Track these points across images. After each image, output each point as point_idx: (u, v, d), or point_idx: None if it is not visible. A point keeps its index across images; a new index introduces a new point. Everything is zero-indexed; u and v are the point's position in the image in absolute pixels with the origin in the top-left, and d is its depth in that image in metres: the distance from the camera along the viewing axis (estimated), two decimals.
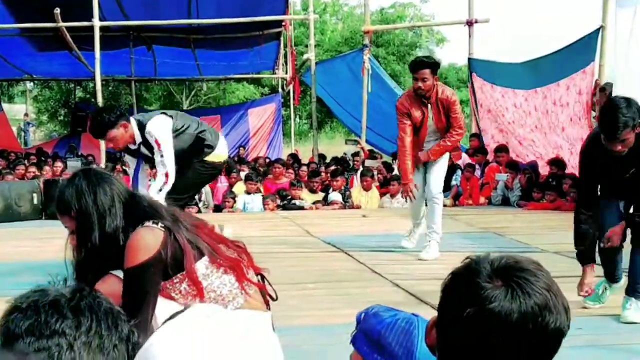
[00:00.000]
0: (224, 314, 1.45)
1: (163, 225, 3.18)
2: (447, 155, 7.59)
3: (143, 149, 6.45)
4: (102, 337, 1.46)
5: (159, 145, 6.29)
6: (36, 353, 1.40)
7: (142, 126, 6.32)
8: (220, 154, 6.75)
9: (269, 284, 3.47)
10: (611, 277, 5.55)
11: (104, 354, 1.45)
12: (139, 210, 3.25)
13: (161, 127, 6.35)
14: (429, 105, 7.34)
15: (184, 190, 6.82)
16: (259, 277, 3.44)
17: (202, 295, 3.18)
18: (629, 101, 4.85)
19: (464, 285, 1.51)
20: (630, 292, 5.20)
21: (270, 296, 3.44)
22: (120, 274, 3.20)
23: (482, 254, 1.58)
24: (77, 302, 1.49)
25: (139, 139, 6.36)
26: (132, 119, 6.39)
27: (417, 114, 7.38)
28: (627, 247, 5.40)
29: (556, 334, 1.45)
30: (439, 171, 7.56)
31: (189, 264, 3.19)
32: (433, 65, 7.37)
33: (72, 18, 15.39)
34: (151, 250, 3.13)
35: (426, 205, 7.74)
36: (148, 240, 3.14)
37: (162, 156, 6.29)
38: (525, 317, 1.43)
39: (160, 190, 6.29)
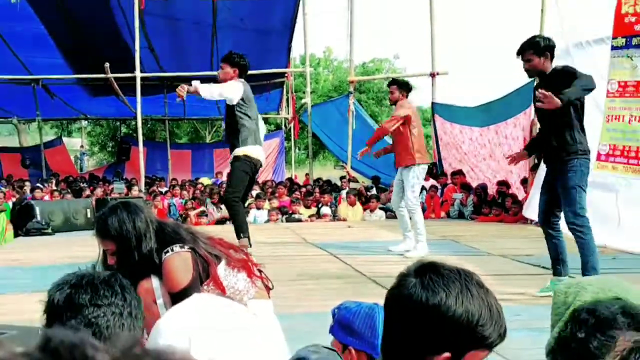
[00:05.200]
0: (224, 300, 1.49)
1: (188, 247, 3.20)
2: (415, 170, 7.59)
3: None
4: (134, 308, 1.58)
5: (225, 82, 6.63)
6: (96, 319, 1.47)
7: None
8: (253, 152, 6.76)
9: (266, 276, 3.51)
10: (553, 267, 5.37)
11: (136, 319, 1.57)
12: (165, 235, 3.23)
13: (238, 85, 6.71)
14: None
15: (238, 183, 6.84)
16: (259, 271, 3.48)
17: (225, 292, 3.21)
18: (546, 38, 5.35)
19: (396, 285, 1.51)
20: (583, 270, 5.10)
21: (268, 286, 3.47)
22: (155, 279, 3.20)
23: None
24: (120, 281, 1.62)
25: None
26: (241, 79, 6.78)
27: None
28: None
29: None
30: (408, 185, 7.59)
31: (214, 271, 3.22)
32: (399, 83, 7.82)
33: (118, 70, 15.49)
34: (189, 273, 3.15)
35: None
36: (183, 266, 3.15)
37: (221, 88, 6.60)
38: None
39: (204, 97, 6.66)
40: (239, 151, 6.74)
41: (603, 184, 8.41)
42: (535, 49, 5.12)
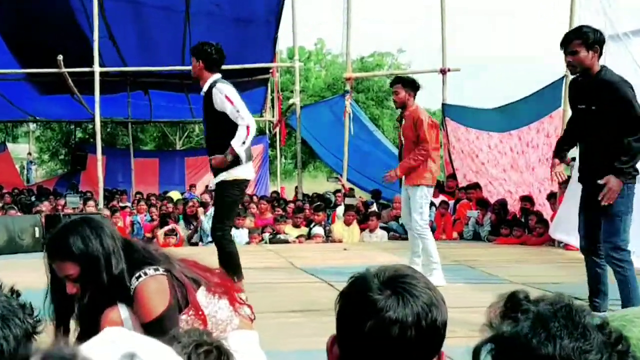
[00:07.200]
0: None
1: (163, 269, 3.14)
2: (422, 189, 7.57)
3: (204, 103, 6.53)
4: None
5: (230, 101, 6.31)
6: None
7: (213, 84, 6.45)
8: (246, 173, 6.54)
9: (247, 305, 3.47)
10: (591, 301, 5.26)
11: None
12: (135, 254, 3.17)
13: (230, 88, 6.43)
14: (403, 120, 7.67)
15: (231, 215, 6.83)
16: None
17: (206, 323, 3.16)
18: (597, 30, 5.13)
19: (358, 302, 1.54)
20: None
21: (250, 317, 3.43)
22: (123, 307, 3.14)
23: (364, 271, 1.63)
24: None
25: (205, 88, 6.52)
26: (215, 74, 6.56)
27: (399, 126, 7.88)
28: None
29: (443, 323, 1.52)
30: (415, 206, 7.54)
31: (193, 297, 3.18)
32: (404, 81, 7.75)
33: (73, 64, 15.44)
34: (165, 299, 3.08)
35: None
36: (158, 291, 3.09)
37: (237, 111, 6.27)
38: (419, 317, 1.49)
39: (244, 143, 6.26)
40: (229, 175, 6.39)
41: None
42: (584, 40, 4.97)
